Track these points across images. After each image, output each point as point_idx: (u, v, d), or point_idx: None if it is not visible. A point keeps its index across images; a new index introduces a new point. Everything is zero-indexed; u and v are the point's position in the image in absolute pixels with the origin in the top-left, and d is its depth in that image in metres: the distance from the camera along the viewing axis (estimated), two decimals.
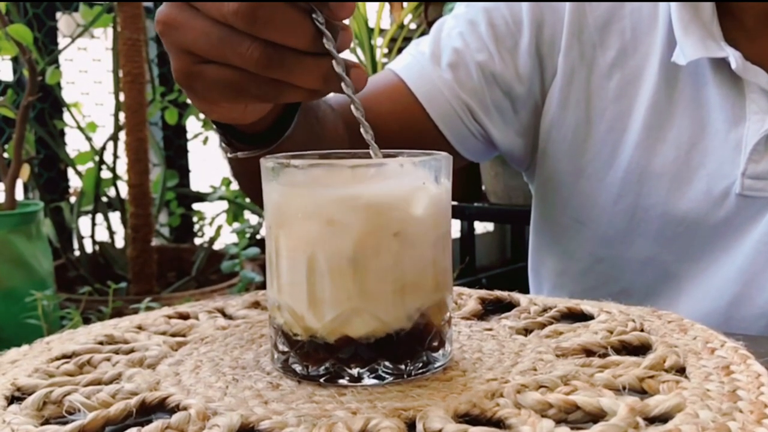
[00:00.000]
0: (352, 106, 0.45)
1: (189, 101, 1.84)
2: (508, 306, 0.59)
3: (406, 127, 0.76)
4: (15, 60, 1.63)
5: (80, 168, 1.68)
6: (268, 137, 0.58)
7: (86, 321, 1.26)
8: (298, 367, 0.43)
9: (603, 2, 0.75)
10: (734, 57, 0.67)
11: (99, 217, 1.70)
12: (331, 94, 0.75)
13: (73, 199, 1.76)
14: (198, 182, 2.08)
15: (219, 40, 0.44)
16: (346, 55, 0.48)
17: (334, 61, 0.45)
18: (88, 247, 1.70)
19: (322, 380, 0.43)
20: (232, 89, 0.46)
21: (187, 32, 0.45)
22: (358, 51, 2.06)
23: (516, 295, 0.60)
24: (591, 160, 0.76)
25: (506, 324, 0.53)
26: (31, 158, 1.40)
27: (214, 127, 0.59)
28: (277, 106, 0.58)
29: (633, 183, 0.74)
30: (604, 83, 0.75)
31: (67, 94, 1.77)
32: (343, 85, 0.45)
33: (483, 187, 1.94)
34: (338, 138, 0.69)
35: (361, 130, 0.45)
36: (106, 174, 1.67)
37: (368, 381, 0.42)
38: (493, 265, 2.80)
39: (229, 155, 0.61)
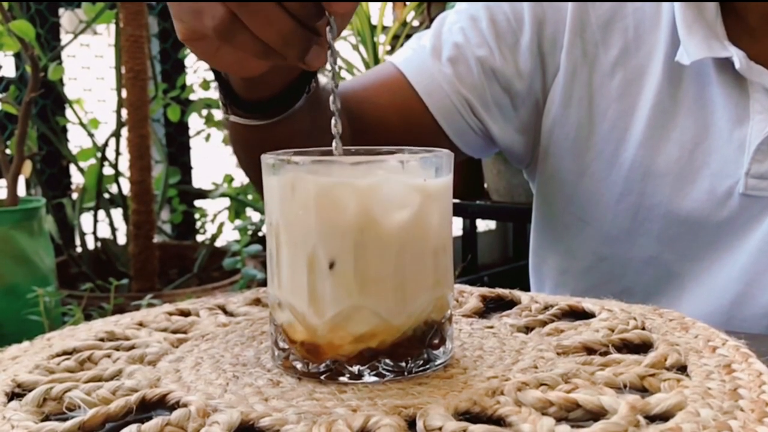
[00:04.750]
0: (329, 76, 0.47)
1: (192, 98, 1.85)
2: (509, 304, 0.59)
3: (405, 121, 0.76)
4: (17, 56, 1.63)
5: (82, 164, 1.68)
6: (270, 109, 0.58)
7: (88, 318, 1.26)
8: (298, 365, 0.43)
9: (606, 1, 0.75)
10: (738, 57, 0.67)
11: (101, 213, 1.70)
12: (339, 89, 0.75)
13: (75, 196, 1.76)
14: (200, 179, 2.08)
15: None
16: (348, 51, 0.49)
17: (328, 28, 0.46)
18: (90, 244, 1.70)
19: (322, 377, 0.43)
20: (192, 10, 0.47)
21: None
22: (361, 48, 2.06)
23: (517, 293, 0.60)
24: (594, 159, 0.75)
25: (507, 322, 0.53)
26: (33, 154, 1.40)
27: (214, 79, 0.59)
28: (279, 81, 0.58)
29: (636, 182, 0.73)
30: (606, 81, 0.74)
31: (70, 91, 1.77)
32: (328, 54, 0.47)
33: (485, 185, 1.93)
34: (342, 133, 0.70)
35: (330, 98, 0.47)
36: (108, 171, 1.67)
37: (369, 378, 0.42)
38: (495, 263, 2.80)
39: (223, 115, 0.61)
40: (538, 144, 0.79)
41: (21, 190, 1.43)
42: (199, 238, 1.99)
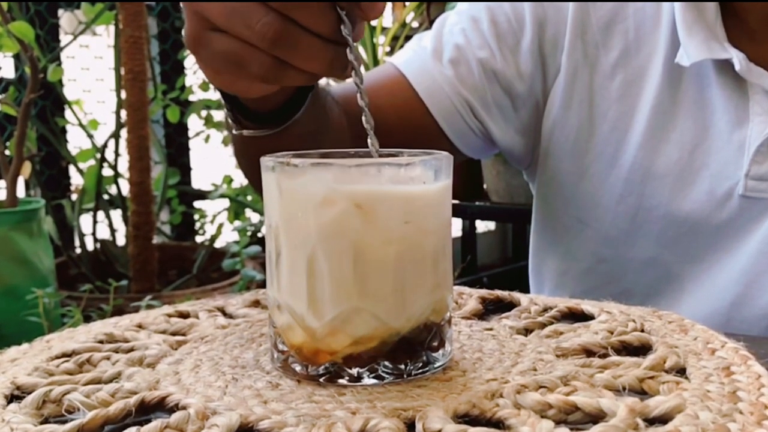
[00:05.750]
0: (358, 96, 0.46)
1: (191, 99, 1.85)
2: (508, 305, 0.59)
3: (405, 122, 0.76)
4: (17, 57, 1.63)
5: (82, 165, 1.68)
6: (277, 118, 0.58)
7: (87, 319, 1.26)
8: (297, 367, 0.43)
9: (606, 2, 0.75)
10: (738, 59, 0.67)
11: (100, 214, 1.70)
12: (336, 87, 0.76)
13: (74, 197, 1.76)
14: (199, 180, 2.08)
15: (233, 9, 0.44)
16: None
17: (348, 49, 0.46)
18: (90, 245, 1.70)
19: (321, 380, 0.43)
20: (234, 64, 0.47)
21: None
22: (360, 49, 2.06)
23: (517, 295, 0.60)
24: (594, 160, 0.75)
25: (506, 324, 0.53)
26: (32, 155, 1.40)
27: (222, 100, 0.59)
28: (288, 88, 0.58)
29: (636, 183, 0.73)
30: (607, 83, 0.74)
31: (69, 92, 1.77)
32: (353, 74, 0.46)
33: (484, 186, 1.93)
34: (341, 131, 0.70)
35: (363, 118, 0.46)
36: (107, 171, 1.67)
37: (368, 381, 0.42)
38: (495, 264, 2.80)
39: (233, 132, 0.61)
40: (539, 145, 0.79)
41: (20, 191, 1.43)
42: (199, 239, 1.99)
